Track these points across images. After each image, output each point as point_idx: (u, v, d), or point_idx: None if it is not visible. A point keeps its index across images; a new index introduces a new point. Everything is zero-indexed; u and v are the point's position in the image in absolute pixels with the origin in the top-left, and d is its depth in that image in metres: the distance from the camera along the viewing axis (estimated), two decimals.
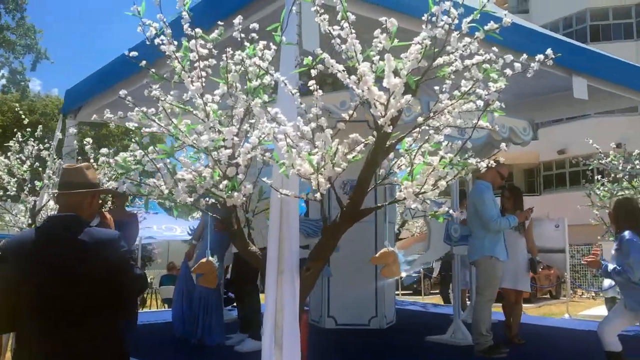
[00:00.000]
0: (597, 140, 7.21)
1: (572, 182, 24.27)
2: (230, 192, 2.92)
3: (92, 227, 2.66)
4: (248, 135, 3.06)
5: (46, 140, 7.06)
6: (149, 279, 14.18)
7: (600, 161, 7.03)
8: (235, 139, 2.95)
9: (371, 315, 6.54)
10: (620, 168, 6.80)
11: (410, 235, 11.68)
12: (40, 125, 7.30)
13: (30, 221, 6.72)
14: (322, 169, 2.79)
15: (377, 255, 3.12)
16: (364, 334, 6.25)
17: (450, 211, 2.89)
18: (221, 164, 2.91)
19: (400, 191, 2.85)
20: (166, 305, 12.09)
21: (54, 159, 7.05)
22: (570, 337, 6.64)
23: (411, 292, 15.12)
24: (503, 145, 2.82)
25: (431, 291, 16.74)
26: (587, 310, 12.75)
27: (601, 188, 7.21)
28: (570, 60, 5.51)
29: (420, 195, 2.90)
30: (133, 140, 3.33)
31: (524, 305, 13.10)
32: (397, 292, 15.03)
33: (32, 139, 6.95)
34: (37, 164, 6.98)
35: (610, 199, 6.54)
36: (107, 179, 5.26)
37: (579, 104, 6.51)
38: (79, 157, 7.04)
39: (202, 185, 2.86)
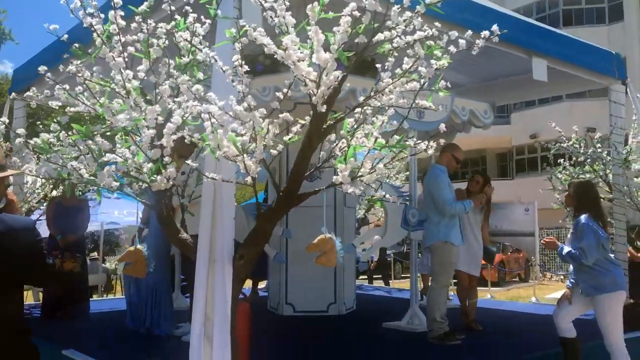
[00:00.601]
0: (570, 125, 7.12)
1: (544, 166, 24.45)
2: (154, 176, 2.72)
3: (5, 214, 2.50)
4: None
5: None
6: (113, 266, 13.96)
7: (562, 145, 6.97)
8: (160, 118, 2.74)
9: (330, 301, 6.42)
10: (581, 152, 6.74)
11: (376, 220, 11.59)
12: None
13: None
14: (253, 151, 2.61)
15: (314, 241, 2.96)
16: (322, 321, 6.14)
17: (387, 196, 2.74)
18: (143, 146, 2.71)
19: (337, 175, 2.70)
20: None
21: (1, 141, 6.74)
22: (530, 322, 6.60)
23: (380, 276, 15.08)
24: (442, 126, 2.66)
25: (402, 275, 16.77)
26: (555, 293, 12.87)
27: (563, 172, 7.16)
28: (530, 41, 5.39)
29: (358, 179, 2.76)
30: (55, 120, 3.10)
31: (492, 289, 13.30)
32: (365, 277, 15.04)
33: None
34: None
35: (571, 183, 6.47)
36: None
37: (542, 86, 6.43)
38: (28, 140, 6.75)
39: (119, 168, 2.65)
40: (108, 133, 2.80)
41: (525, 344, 5.12)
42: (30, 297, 9.75)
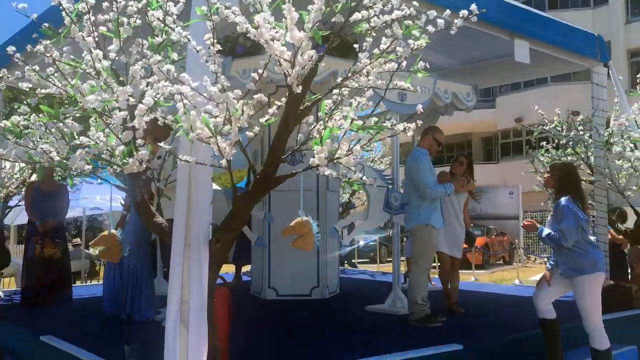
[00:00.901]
0: (555, 108, 7.13)
1: (527, 149, 24.54)
2: (126, 158, 2.66)
3: None
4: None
5: None
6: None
7: (544, 127, 6.97)
8: (132, 99, 2.67)
9: (313, 285, 6.41)
10: (563, 134, 6.76)
11: (361, 204, 11.60)
12: None
13: None
14: (228, 133, 2.56)
15: (291, 224, 2.93)
16: (305, 305, 6.13)
17: (364, 179, 2.70)
18: (115, 128, 2.65)
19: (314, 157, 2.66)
20: None
21: None
22: (512, 304, 6.64)
23: (368, 260, 15.16)
24: (419, 107, 2.62)
25: (388, 259, 16.84)
26: (538, 275, 12.99)
27: (545, 154, 7.18)
28: (511, 23, 5.36)
29: (335, 161, 2.73)
30: (25, 102, 3.03)
31: (476, 271, 13.41)
32: (353, 261, 15.11)
33: None
34: None
35: None
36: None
37: (524, 68, 6.41)
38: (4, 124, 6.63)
39: (89, 151, 2.59)
40: (78, 115, 2.72)
41: (506, 326, 5.16)
42: (12, 284, 9.66)
